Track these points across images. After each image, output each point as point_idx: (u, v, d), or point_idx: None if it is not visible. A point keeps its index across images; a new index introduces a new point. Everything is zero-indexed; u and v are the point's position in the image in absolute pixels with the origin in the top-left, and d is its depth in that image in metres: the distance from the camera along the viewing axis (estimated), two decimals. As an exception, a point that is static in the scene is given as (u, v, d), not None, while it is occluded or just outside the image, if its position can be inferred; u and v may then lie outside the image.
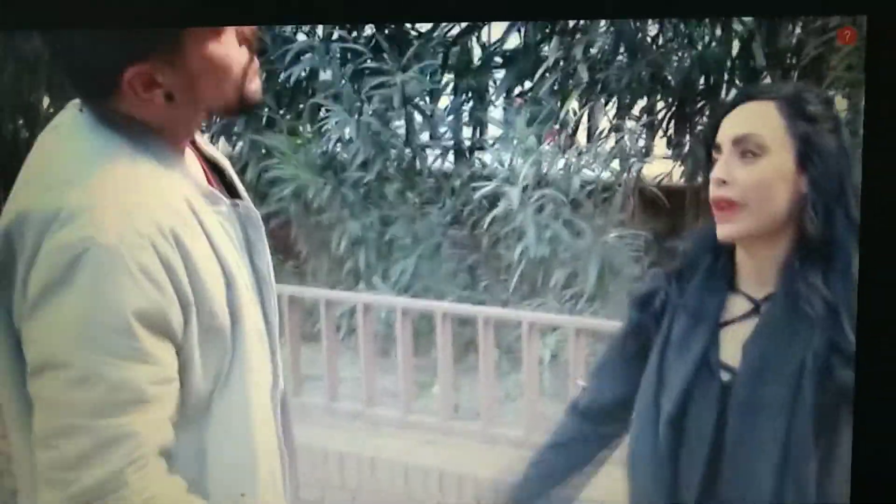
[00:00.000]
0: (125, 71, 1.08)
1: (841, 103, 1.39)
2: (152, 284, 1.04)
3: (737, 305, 1.25)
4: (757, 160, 1.21)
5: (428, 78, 1.77)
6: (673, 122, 1.68)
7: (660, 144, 1.71)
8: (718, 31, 1.66)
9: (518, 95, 1.78)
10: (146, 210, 1.06)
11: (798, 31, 1.58)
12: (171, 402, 1.08)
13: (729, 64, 1.64)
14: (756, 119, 1.23)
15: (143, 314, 1.04)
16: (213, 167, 1.21)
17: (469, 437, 1.74)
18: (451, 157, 1.81)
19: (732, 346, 1.24)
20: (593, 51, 1.69)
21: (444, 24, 1.77)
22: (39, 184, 1.09)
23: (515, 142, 1.70)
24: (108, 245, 1.03)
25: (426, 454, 1.75)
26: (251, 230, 1.16)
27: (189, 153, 1.19)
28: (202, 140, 1.20)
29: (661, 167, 1.71)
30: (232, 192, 1.19)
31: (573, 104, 1.69)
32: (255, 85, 1.14)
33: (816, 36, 1.56)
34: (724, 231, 1.24)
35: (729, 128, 1.22)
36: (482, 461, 1.70)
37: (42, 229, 1.05)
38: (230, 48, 1.12)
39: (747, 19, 1.61)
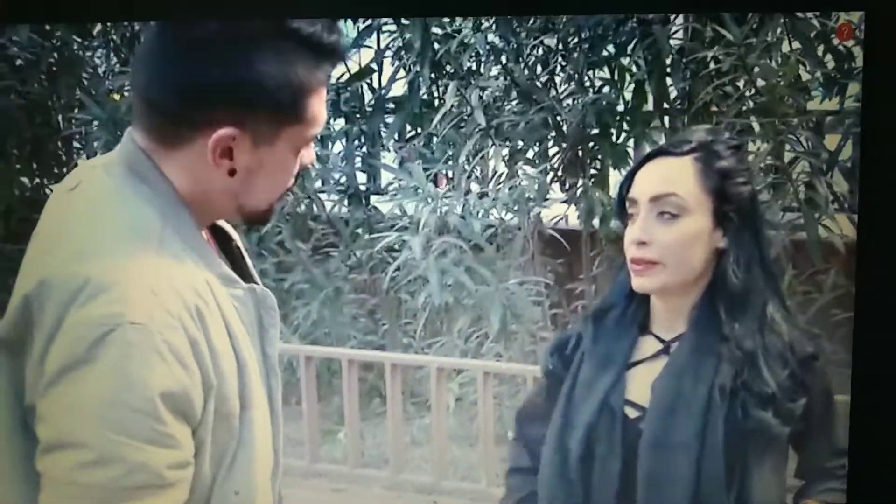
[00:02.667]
0: (218, 126, 0.99)
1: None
2: (181, 366, 0.97)
3: (647, 346, 1.24)
4: (676, 220, 1.20)
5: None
6: (566, 166, 1.70)
7: (555, 188, 1.72)
8: (606, 74, 1.68)
9: (408, 140, 1.76)
10: (174, 289, 0.98)
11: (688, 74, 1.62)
12: (186, 486, 1.00)
13: (621, 108, 1.67)
14: (673, 177, 1.21)
15: (170, 396, 0.97)
16: (225, 249, 1.13)
17: (377, 484, 1.70)
18: (346, 202, 1.77)
19: (642, 386, 1.23)
20: (487, 97, 1.69)
21: (335, 70, 1.73)
22: (64, 251, 0.99)
23: (413, 188, 1.68)
24: (138, 323, 0.96)
25: (334, 502, 1.71)
26: (266, 316, 1.09)
27: (205, 233, 1.12)
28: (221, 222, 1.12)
29: (558, 210, 1.72)
30: (245, 274, 1.11)
31: (469, 149, 1.68)
32: (271, 207, 1.05)
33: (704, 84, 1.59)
34: (640, 284, 1.22)
35: (646, 185, 1.20)
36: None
37: (66, 301, 0.96)
38: (293, 164, 1.03)
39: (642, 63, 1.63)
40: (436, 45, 1.68)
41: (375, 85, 1.82)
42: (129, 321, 0.96)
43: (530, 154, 1.71)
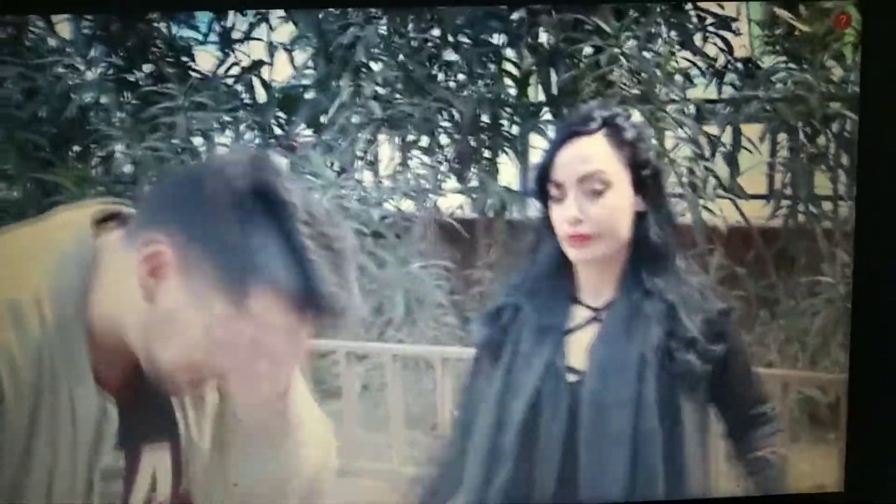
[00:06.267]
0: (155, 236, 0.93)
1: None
2: None
3: (578, 314, 1.31)
4: (603, 195, 1.27)
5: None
6: (460, 156, 1.71)
7: (451, 177, 1.73)
8: (494, 67, 1.70)
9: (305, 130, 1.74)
10: None
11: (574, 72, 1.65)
12: None
13: (510, 100, 1.69)
14: (592, 155, 1.27)
15: None
16: None
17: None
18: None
19: (578, 351, 1.29)
20: (380, 89, 1.68)
21: (226, 63, 1.70)
22: None
23: (313, 178, 1.66)
24: None
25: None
26: (106, 430, 1.00)
27: None
28: None
29: (453, 199, 1.74)
30: None
31: (365, 139, 1.68)
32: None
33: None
34: (579, 255, 1.29)
35: (570, 166, 1.27)
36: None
37: None
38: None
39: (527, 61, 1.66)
40: (328, 37, 1.67)
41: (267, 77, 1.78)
42: None
43: (425, 144, 1.72)
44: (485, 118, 1.67)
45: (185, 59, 1.67)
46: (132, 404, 1.01)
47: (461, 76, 1.66)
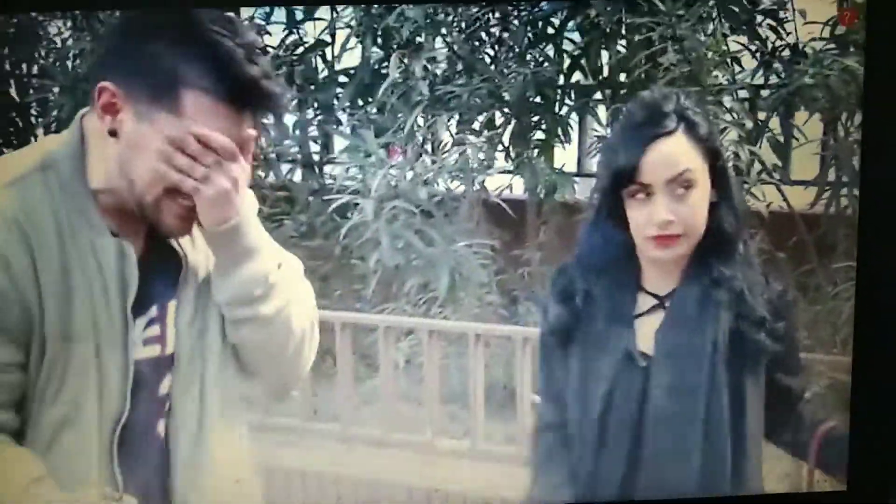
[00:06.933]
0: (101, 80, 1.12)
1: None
2: None
3: (643, 302, 1.32)
4: (690, 193, 1.27)
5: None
6: (511, 137, 1.72)
7: (500, 157, 1.73)
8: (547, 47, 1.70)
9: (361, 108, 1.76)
10: (5, 206, 1.11)
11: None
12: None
13: (561, 81, 1.69)
14: (678, 155, 1.27)
15: None
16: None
17: (328, 438, 1.73)
18: (300, 169, 1.78)
19: (645, 336, 1.31)
20: (431, 67, 1.70)
21: (288, 42, 1.73)
22: None
23: (363, 155, 1.69)
24: None
25: (286, 455, 1.73)
26: (127, 270, 1.16)
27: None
28: None
29: (503, 179, 1.73)
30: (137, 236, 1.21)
31: (416, 119, 1.69)
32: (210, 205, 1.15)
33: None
34: (663, 255, 1.29)
35: (659, 169, 1.26)
36: (341, 461, 1.71)
37: None
38: (173, 153, 1.13)
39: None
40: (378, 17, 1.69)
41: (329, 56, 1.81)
42: None
43: (476, 125, 1.73)
44: (535, 98, 1.66)
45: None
46: (144, 247, 1.21)
47: (511, 56, 1.66)
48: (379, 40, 1.67)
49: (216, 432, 1.24)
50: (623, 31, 1.61)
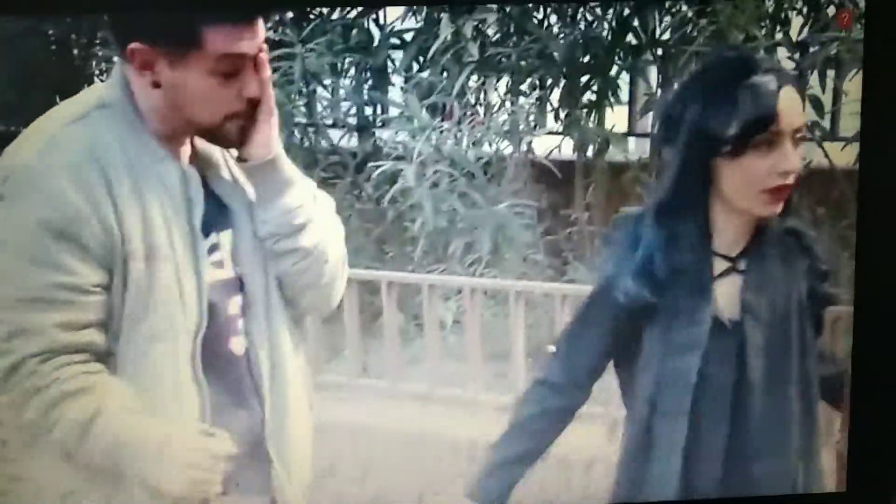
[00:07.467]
0: (130, 42, 1.20)
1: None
2: (61, 200, 1.16)
3: (715, 265, 1.30)
4: (800, 145, 1.25)
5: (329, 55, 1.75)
6: (560, 97, 1.71)
7: (549, 118, 1.73)
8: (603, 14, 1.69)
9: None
10: (74, 141, 1.19)
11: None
12: (88, 310, 1.19)
13: (610, 43, 1.68)
14: (798, 106, 1.26)
15: (51, 225, 1.16)
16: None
17: (377, 394, 1.76)
18: (352, 133, 1.80)
19: (727, 301, 1.30)
20: (483, 29, 1.70)
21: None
22: None
23: (409, 119, 1.71)
24: (28, 166, 1.16)
25: (337, 410, 1.77)
26: (193, 193, 1.26)
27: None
28: None
29: (551, 141, 1.73)
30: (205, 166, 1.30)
31: (466, 80, 1.70)
32: (248, 146, 1.27)
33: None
34: (776, 209, 1.28)
35: (789, 117, 1.24)
36: (390, 416, 1.74)
37: None
38: (220, 88, 1.23)
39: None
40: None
41: (382, 21, 1.83)
42: (18, 164, 1.17)
43: (524, 87, 1.73)
44: (585, 59, 1.66)
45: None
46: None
47: (559, 17, 1.65)
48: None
49: (287, 354, 1.36)
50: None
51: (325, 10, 1.71)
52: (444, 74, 1.69)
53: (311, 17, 1.73)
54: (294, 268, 1.32)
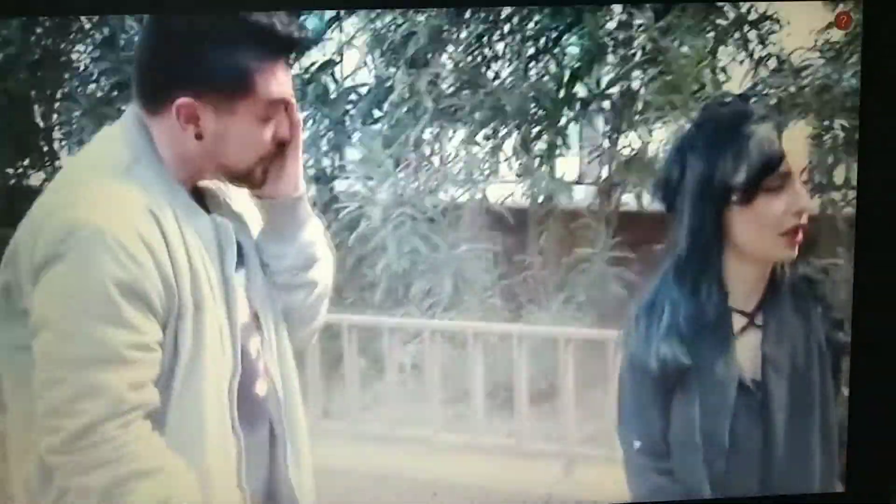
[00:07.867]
0: (177, 97, 1.22)
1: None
2: (131, 260, 1.16)
3: (735, 322, 1.29)
4: (808, 183, 1.26)
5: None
6: (513, 147, 1.77)
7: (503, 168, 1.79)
8: (553, 67, 1.75)
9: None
10: (134, 203, 1.20)
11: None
12: (151, 367, 1.19)
13: (561, 95, 1.74)
14: (802, 147, 1.30)
15: (122, 284, 1.15)
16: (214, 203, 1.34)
17: (338, 436, 1.78)
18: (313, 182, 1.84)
19: (748, 359, 1.29)
20: (434, 83, 1.75)
21: (299, 62, 1.79)
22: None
23: (371, 165, 1.75)
24: (92, 224, 1.15)
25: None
26: (224, 240, 1.28)
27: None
28: None
29: (505, 189, 1.79)
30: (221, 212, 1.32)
31: (422, 131, 1.75)
32: (277, 184, 1.30)
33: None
34: (793, 253, 1.28)
35: (794, 159, 1.25)
36: (351, 457, 1.74)
37: (41, 217, 1.18)
38: (261, 131, 1.26)
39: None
40: (386, 34, 1.75)
41: (338, 76, 1.87)
42: (85, 223, 1.15)
43: (479, 137, 1.78)
44: (536, 111, 1.72)
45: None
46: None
47: (510, 70, 1.71)
48: (385, 56, 1.73)
49: (297, 391, 1.40)
50: (612, 46, 1.66)
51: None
52: (401, 126, 1.73)
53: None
54: (305, 301, 1.37)
